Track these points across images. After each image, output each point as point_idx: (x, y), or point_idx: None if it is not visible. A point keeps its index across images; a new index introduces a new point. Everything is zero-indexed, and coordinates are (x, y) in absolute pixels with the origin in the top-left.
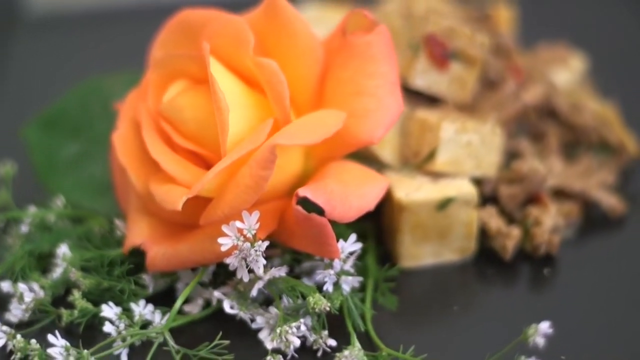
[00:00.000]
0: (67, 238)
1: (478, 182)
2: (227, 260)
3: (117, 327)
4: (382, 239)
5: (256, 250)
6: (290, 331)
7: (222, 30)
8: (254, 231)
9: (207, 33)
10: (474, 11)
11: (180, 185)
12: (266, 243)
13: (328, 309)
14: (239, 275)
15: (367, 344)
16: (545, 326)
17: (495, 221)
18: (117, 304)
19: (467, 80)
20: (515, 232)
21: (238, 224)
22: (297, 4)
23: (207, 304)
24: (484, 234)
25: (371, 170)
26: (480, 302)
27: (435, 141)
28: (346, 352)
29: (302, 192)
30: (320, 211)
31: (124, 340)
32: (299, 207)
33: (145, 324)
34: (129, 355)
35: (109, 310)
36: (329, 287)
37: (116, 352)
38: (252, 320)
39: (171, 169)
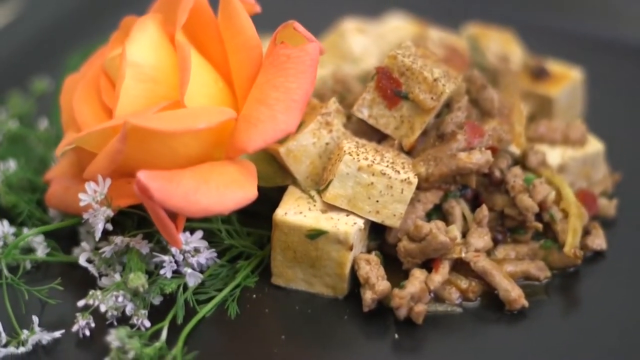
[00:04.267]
0: (26, 156)
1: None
2: (84, 216)
3: None
4: None
5: (101, 214)
6: (100, 297)
7: (181, 5)
8: (103, 196)
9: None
10: (535, 62)
11: None
12: (108, 210)
13: (142, 289)
14: (96, 233)
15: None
16: None
17: (367, 269)
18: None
19: (415, 125)
20: (382, 287)
21: (93, 185)
22: (383, 12)
23: None
24: None
25: (249, 180)
26: (308, 341)
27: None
28: (113, 331)
29: (139, 173)
30: None
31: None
32: (135, 185)
33: (32, 251)
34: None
35: None
36: (166, 272)
37: None
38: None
39: (80, 119)
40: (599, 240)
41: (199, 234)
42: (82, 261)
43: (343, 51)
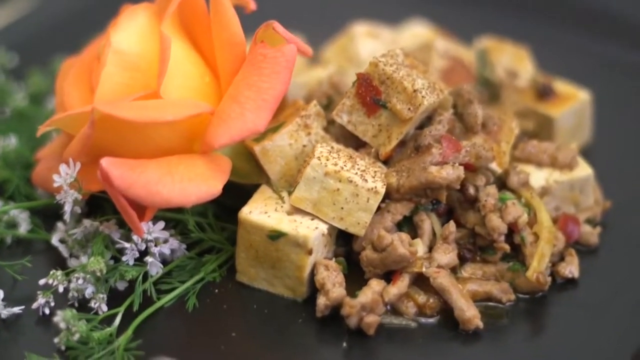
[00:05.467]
0: (30, 134)
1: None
2: (57, 197)
3: None
4: None
5: (70, 197)
6: (60, 278)
7: None
8: (72, 179)
9: None
10: (544, 80)
11: None
12: (75, 194)
13: (99, 274)
14: (65, 215)
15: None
16: None
17: (324, 275)
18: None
19: (392, 135)
20: (335, 294)
21: (65, 168)
22: (405, 19)
23: None
24: None
25: (216, 176)
26: (257, 340)
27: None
28: (60, 312)
29: (102, 159)
30: None
31: None
32: (98, 171)
33: (14, 226)
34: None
35: None
36: (128, 259)
37: None
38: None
39: (67, 101)
40: (571, 268)
41: (161, 224)
42: (54, 241)
43: (350, 54)
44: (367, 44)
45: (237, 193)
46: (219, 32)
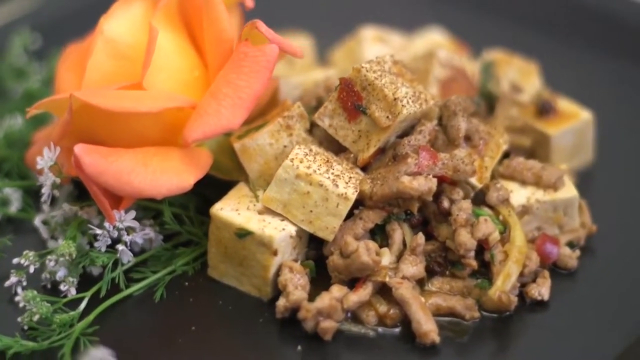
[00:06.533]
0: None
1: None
2: (39, 180)
3: None
4: None
5: (49, 180)
6: (32, 258)
7: None
8: (52, 163)
9: None
10: (546, 96)
11: None
12: (53, 178)
13: (68, 258)
14: (43, 198)
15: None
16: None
17: (288, 277)
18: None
19: (371, 142)
20: (295, 297)
21: (47, 151)
22: (422, 27)
23: None
24: None
25: (190, 170)
26: (215, 336)
27: None
28: (22, 292)
29: (76, 146)
30: None
31: None
32: (73, 156)
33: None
34: None
35: None
36: (101, 246)
37: None
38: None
39: (61, 86)
40: (542, 290)
41: (132, 213)
42: (36, 222)
43: (357, 58)
44: (374, 48)
45: (222, 188)
46: (209, 28)
